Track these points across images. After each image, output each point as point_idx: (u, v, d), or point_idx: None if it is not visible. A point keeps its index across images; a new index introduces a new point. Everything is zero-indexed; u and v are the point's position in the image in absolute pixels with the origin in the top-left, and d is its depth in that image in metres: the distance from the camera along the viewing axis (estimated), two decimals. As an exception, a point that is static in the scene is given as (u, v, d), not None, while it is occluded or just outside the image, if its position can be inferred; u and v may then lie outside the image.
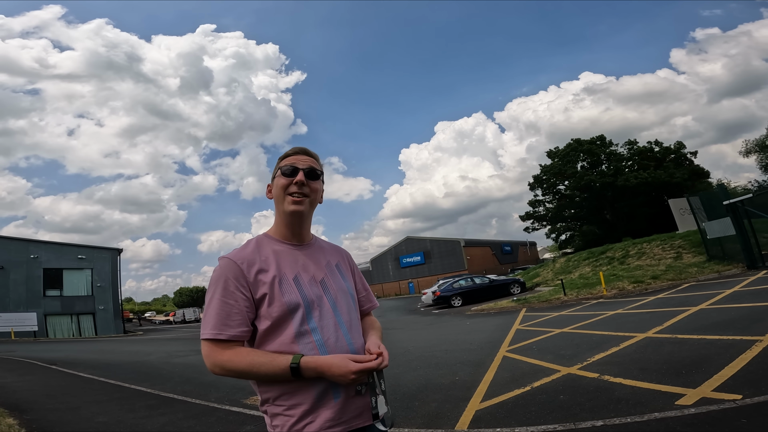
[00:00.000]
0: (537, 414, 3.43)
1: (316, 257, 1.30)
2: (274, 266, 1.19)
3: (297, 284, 1.19)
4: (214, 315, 1.12)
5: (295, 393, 1.12)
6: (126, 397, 6.23)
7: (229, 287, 1.13)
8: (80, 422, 4.90)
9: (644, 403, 3.25)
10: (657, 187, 37.35)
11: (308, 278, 1.23)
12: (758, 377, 3.35)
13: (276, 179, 1.29)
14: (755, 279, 9.29)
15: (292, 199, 1.24)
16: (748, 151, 35.37)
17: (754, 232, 11.36)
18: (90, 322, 30.84)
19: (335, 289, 1.27)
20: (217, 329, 1.11)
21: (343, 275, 1.34)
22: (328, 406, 1.12)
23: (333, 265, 1.33)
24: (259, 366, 1.08)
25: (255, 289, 1.15)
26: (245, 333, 1.14)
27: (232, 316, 1.11)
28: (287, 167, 1.26)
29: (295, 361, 1.07)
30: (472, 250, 49.95)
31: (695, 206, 14.74)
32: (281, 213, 1.28)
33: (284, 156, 1.32)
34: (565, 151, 42.63)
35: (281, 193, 1.26)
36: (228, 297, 1.12)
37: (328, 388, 1.13)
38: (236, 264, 1.16)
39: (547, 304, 12.57)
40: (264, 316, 1.15)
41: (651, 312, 7.78)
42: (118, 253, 33.70)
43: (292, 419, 1.12)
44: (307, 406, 1.12)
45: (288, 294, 1.16)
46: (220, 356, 1.10)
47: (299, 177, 1.24)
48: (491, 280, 20.29)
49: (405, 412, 3.99)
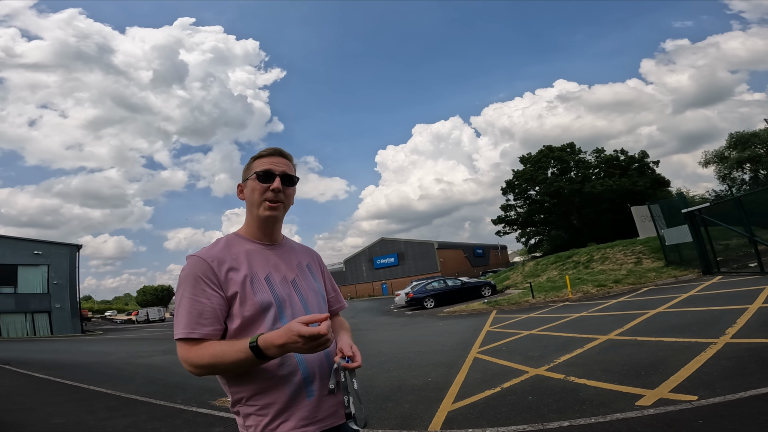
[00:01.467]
0: (507, 415, 3.51)
1: (287, 257, 1.30)
2: (246, 265, 1.18)
3: (269, 283, 1.18)
4: (185, 314, 1.09)
5: (268, 392, 1.11)
6: (84, 398, 5.96)
7: (200, 285, 1.11)
8: (36, 423, 4.67)
9: (607, 404, 3.39)
10: (621, 195, 38.96)
11: (279, 278, 1.22)
12: (713, 379, 3.55)
13: (251, 182, 1.26)
14: (710, 284, 9.86)
15: (268, 204, 1.23)
16: (707, 162, 37.46)
17: (710, 239, 12.05)
18: (45, 320, 29.25)
19: (306, 288, 1.27)
20: (189, 328, 1.08)
21: (314, 276, 1.35)
22: (302, 405, 1.12)
23: (304, 266, 1.33)
24: (223, 354, 1.05)
25: (226, 288, 1.13)
26: (218, 331, 1.11)
27: (204, 315, 1.09)
28: (263, 172, 1.24)
29: (253, 341, 1.03)
30: (445, 253, 50.55)
31: (655, 214, 15.51)
32: (255, 216, 1.26)
33: (258, 156, 1.29)
34: (537, 157, 43.85)
35: (257, 198, 1.24)
36: (199, 295, 1.10)
37: (301, 387, 1.13)
38: (206, 262, 1.13)
39: (517, 307, 12.90)
40: (236, 314, 1.13)
41: (613, 315, 8.12)
42: (77, 249, 32.12)
43: (266, 419, 1.10)
44: (280, 405, 1.11)
45: (260, 293, 1.15)
46: (191, 355, 1.07)
47: (276, 184, 1.23)
48: (463, 282, 20.60)
49: (378, 413, 3.99)
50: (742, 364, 3.79)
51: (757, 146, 33.56)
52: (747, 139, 33.98)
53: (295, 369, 1.13)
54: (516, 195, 45.39)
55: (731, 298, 7.42)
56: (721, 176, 35.68)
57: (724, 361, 3.95)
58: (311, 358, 1.16)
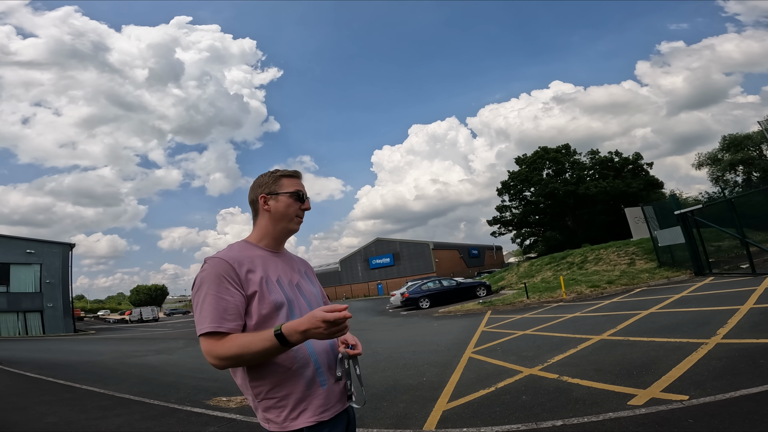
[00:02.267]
0: (501, 414, 3.53)
1: (290, 264, 1.44)
2: (261, 267, 1.29)
3: (280, 285, 1.31)
4: (211, 310, 1.17)
5: (285, 384, 1.21)
6: (77, 397, 5.91)
7: (223, 284, 1.19)
8: (28, 422, 4.64)
9: (599, 403, 3.43)
10: (615, 196, 39.26)
11: (287, 281, 1.35)
12: (704, 379, 3.59)
13: (286, 199, 1.40)
14: (702, 285, 9.96)
15: (298, 220, 1.43)
16: (701, 164, 37.82)
17: (702, 241, 12.18)
18: (38, 320, 28.97)
19: (308, 291, 1.42)
20: (216, 323, 1.15)
21: (311, 281, 1.51)
22: (317, 394, 1.23)
23: (303, 272, 1.49)
24: (249, 344, 1.13)
25: (246, 287, 1.23)
26: (240, 327, 1.20)
27: (229, 311, 1.18)
28: (297, 192, 1.41)
29: (277, 329, 1.12)
30: (440, 253, 50.65)
31: (649, 215, 15.64)
32: (281, 228, 1.41)
33: (287, 175, 1.43)
34: (533, 158, 44.08)
35: (290, 213, 1.41)
36: (223, 293, 1.18)
37: (315, 378, 1.24)
38: (228, 263, 1.23)
39: (511, 307, 12.96)
40: (253, 312, 1.22)
41: (606, 315, 8.18)
42: (69, 248, 31.82)
43: (286, 410, 1.20)
44: (298, 395, 1.21)
45: (274, 293, 1.26)
46: (218, 348, 1.14)
47: (307, 205, 1.44)
48: (458, 282, 20.65)
49: (373, 412, 4.00)
50: (733, 364, 3.84)
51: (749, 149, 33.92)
52: (740, 142, 34.32)
53: (307, 361, 1.24)
54: (511, 196, 45.60)
55: (723, 299, 7.50)
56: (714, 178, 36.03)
57: (715, 362, 4.00)
58: (320, 351, 1.28)
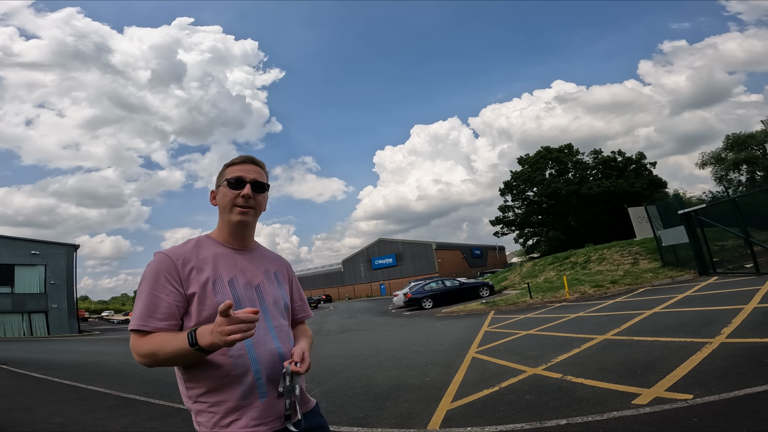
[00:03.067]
0: (505, 413, 3.54)
1: (255, 263, 1.34)
2: (211, 267, 1.23)
3: (231, 286, 1.23)
4: (141, 307, 1.14)
5: (221, 390, 1.14)
6: (83, 397, 5.96)
7: (160, 281, 1.15)
8: (35, 423, 4.67)
9: (603, 403, 3.43)
10: (618, 196, 39.13)
11: (244, 282, 1.27)
12: (708, 378, 3.59)
13: (222, 189, 1.32)
14: (706, 285, 9.93)
15: (239, 210, 1.29)
16: (704, 163, 37.64)
17: (706, 240, 12.13)
18: (42, 320, 29.15)
19: (269, 295, 1.31)
20: (141, 320, 1.12)
21: (280, 283, 1.39)
22: (254, 405, 1.15)
23: (271, 273, 1.38)
24: (165, 342, 1.09)
25: (186, 286, 1.17)
26: (172, 326, 1.15)
27: (159, 309, 1.13)
28: (234, 179, 1.30)
29: (193, 329, 1.08)
30: (443, 253, 50.62)
31: (652, 215, 15.59)
32: (226, 221, 1.32)
33: (230, 164, 1.35)
34: (535, 158, 43.98)
35: (228, 204, 1.30)
36: (157, 290, 1.14)
37: (254, 388, 1.16)
38: (170, 259, 1.18)
39: (514, 307, 12.94)
40: (193, 313, 1.17)
41: (610, 315, 8.17)
42: (74, 249, 32.01)
43: (216, 416, 1.14)
44: (231, 403, 1.14)
45: (220, 294, 1.19)
46: (138, 345, 1.12)
47: (246, 191, 1.29)
48: (461, 283, 20.65)
49: (377, 412, 4.02)
50: (737, 363, 3.83)
51: (753, 148, 33.73)
52: (744, 141, 34.14)
53: (247, 369, 1.16)
54: (514, 196, 45.50)
55: (727, 298, 7.48)
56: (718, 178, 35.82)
57: (719, 361, 3.99)
58: (264, 360, 1.18)
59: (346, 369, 6.50)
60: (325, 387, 5.34)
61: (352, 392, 4.96)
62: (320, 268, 67.91)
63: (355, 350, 8.79)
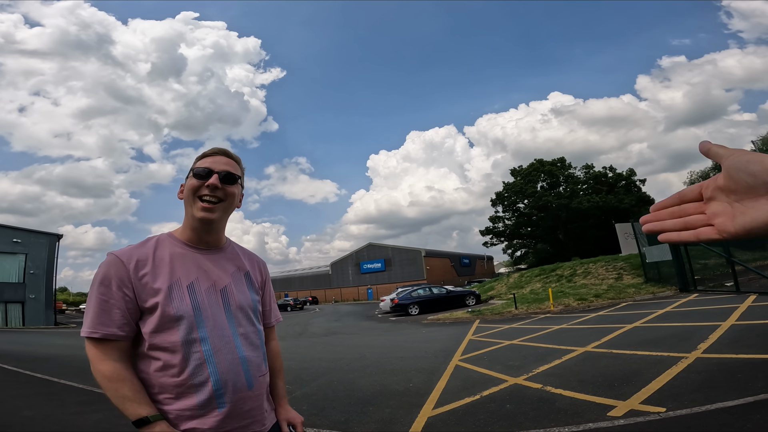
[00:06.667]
0: (485, 422, 3.57)
1: (222, 263, 1.23)
2: (167, 270, 1.12)
3: (191, 291, 1.12)
4: (91, 312, 1.06)
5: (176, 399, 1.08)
6: (55, 392, 5.84)
7: (111, 285, 1.07)
8: (3, 416, 4.58)
9: (580, 414, 3.48)
10: (607, 211, 39.78)
11: (207, 285, 1.16)
12: (681, 391, 3.67)
13: (188, 180, 1.20)
14: (686, 301, 10.12)
15: (201, 204, 1.17)
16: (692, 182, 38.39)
17: (689, 258, 12.40)
18: (18, 311, 28.49)
19: (237, 298, 1.20)
20: (93, 327, 1.05)
21: (251, 285, 1.28)
22: (211, 416, 1.08)
23: (241, 274, 1.26)
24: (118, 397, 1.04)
25: (139, 291, 1.08)
26: (123, 331, 1.07)
27: (111, 314, 1.06)
28: (201, 168, 1.19)
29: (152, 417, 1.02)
30: (432, 261, 50.78)
31: (638, 231, 15.89)
32: (189, 216, 1.19)
33: (201, 156, 1.24)
34: (528, 170, 44.53)
35: (191, 195, 1.18)
36: (107, 295, 1.06)
37: (212, 398, 1.09)
38: (122, 262, 1.09)
39: (500, 317, 13.03)
40: (148, 320, 1.08)
41: (591, 328, 8.28)
42: (57, 238, 31.41)
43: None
44: (188, 413, 1.08)
45: (177, 300, 1.09)
46: (98, 364, 1.05)
47: (212, 180, 1.17)
48: (448, 291, 20.73)
49: (359, 417, 4.02)
50: (711, 377, 3.93)
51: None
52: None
53: (206, 379, 1.08)
54: (505, 207, 45.97)
55: (705, 314, 7.64)
56: (704, 197, 36.55)
57: (694, 375, 4.09)
58: (225, 370, 1.10)
59: (330, 372, 6.47)
60: (308, 389, 5.32)
61: (335, 396, 4.95)
62: (308, 269, 67.54)
63: (339, 354, 8.76)
